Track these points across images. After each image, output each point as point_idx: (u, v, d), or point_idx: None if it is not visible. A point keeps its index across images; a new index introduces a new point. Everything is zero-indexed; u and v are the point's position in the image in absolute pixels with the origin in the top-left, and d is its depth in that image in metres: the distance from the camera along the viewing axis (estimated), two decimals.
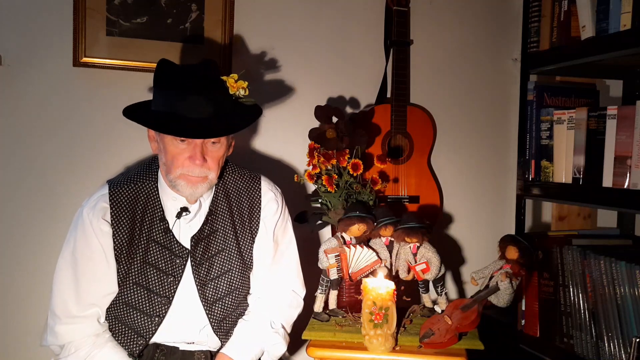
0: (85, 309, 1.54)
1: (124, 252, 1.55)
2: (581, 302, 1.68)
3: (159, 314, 1.57)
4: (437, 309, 1.70)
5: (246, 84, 1.58)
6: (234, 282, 1.64)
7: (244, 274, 1.66)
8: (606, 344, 1.60)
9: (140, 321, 1.57)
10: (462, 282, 2.33)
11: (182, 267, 1.59)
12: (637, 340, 1.45)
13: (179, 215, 1.58)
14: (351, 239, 1.67)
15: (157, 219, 1.58)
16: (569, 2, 1.75)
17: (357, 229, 1.65)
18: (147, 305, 1.57)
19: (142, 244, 1.57)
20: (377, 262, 1.66)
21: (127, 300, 1.57)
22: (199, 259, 1.60)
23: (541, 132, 1.89)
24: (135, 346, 1.58)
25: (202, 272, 1.60)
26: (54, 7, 1.91)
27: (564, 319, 1.74)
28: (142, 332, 1.58)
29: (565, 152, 1.79)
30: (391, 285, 1.52)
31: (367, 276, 1.64)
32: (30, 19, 1.90)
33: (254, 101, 1.63)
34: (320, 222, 1.93)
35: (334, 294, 1.70)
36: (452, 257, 2.32)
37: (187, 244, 1.60)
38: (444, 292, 1.70)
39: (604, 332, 1.61)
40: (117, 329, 1.59)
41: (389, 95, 2.14)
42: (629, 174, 1.56)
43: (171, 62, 1.55)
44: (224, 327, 1.64)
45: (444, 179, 2.25)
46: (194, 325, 1.61)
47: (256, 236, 1.67)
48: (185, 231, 1.60)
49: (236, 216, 1.66)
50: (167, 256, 1.58)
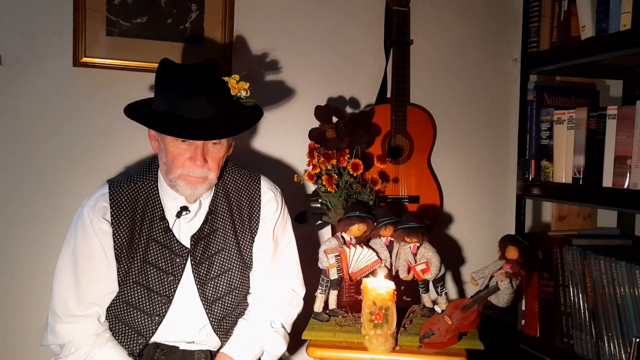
0: (85, 308, 1.54)
1: (124, 251, 1.55)
2: (581, 302, 1.68)
3: (159, 313, 1.58)
4: (437, 309, 1.70)
5: (247, 85, 1.58)
6: (234, 281, 1.64)
7: (244, 273, 1.66)
8: (606, 344, 1.60)
9: (140, 320, 1.57)
10: (462, 282, 2.33)
11: (182, 266, 1.59)
12: (637, 340, 1.45)
13: (179, 214, 1.58)
14: (351, 239, 1.67)
15: (157, 218, 1.58)
16: (569, 2, 1.75)
17: (357, 229, 1.65)
18: (147, 304, 1.57)
19: (142, 243, 1.57)
20: (377, 262, 1.66)
21: (127, 299, 1.57)
22: (198, 258, 1.60)
23: (541, 132, 1.89)
24: (135, 345, 1.58)
25: (202, 271, 1.60)
26: (54, 7, 1.91)
27: (564, 319, 1.74)
28: (142, 331, 1.58)
29: (565, 152, 1.79)
30: (391, 285, 1.52)
31: (367, 276, 1.64)
32: (30, 19, 1.90)
33: (255, 102, 1.63)
34: (320, 222, 1.93)
35: (334, 294, 1.70)
36: (452, 257, 2.32)
37: (187, 243, 1.60)
38: (444, 292, 1.70)
39: (604, 332, 1.61)
40: (117, 328, 1.59)
41: (389, 95, 2.14)
42: (629, 174, 1.56)
43: (173, 62, 1.55)
44: (223, 326, 1.64)
45: (444, 179, 2.25)
46: (194, 324, 1.61)
47: (256, 235, 1.67)
48: (185, 230, 1.60)
49: (236, 215, 1.66)
50: (167, 255, 1.58)
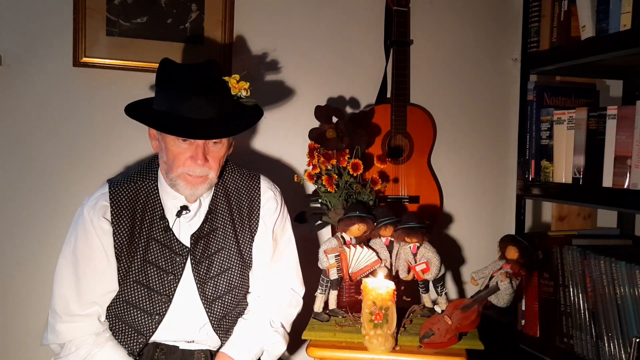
0: (86, 308, 1.54)
1: (124, 250, 1.56)
2: (581, 302, 1.68)
3: (159, 312, 1.58)
4: (437, 309, 1.70)
5: (248, 85, 1.59)
6: (234, 280, 1.64)
7: (244, 272, 1.66)
8: (606, 344, 1.60)
9: (140, 319, 1.58)
10: (462, 282, 2.33)
11: (182, 265, 1.59)
12: (637, 340, 1.45)
13: (178, 214, 1.58)
14: (351, 239, 1.67)
15: (157, 217, 1.59)
16: (569, 2, 1.75)
17: (357, 229, 1.65)
18: (148, 303, 1.57)
19: (142, 242, 1.57)
20: (377, 262, 1.65)
21: (127, 298, 1.57)
22: (198, 257, 1.60)
23: (541, 132, 1.89)
24: (135, 344, 1.58)
25: (202, 270, 1.60)
26: (54, 7, 1.91)
27: (564, 319, 1.74)
28: (143, 330, 1.58)
29: (565, 152, 1.79)
30: (391, 285, 1.52)
31: (367, 276, 1.64)
32: (30, 19, 1.90)
33: (255, 102, 1.63)
34: (320, 222, 1.93)
35: (334, 294, 1.70)
36: (452, 257, 2.32)
37: (187, 242, 1.60)
38: (444, 292, 1.69)
39: (604, 332, 1.61)
40: (118, 327, 1.60)
41: (389, 95, 2.14)
42: (629, 174, 1.56)
43: (173, 62, 1.55)
44: (223, 325, 1.64)
45: (444, 179, 2.25)
46: (194, 323, 1.61)
47: (255, 235, 1.67)
48: (185, 229, 1.60)
49: (236, 215, 1.66)
50: (167, 254, 1.58)
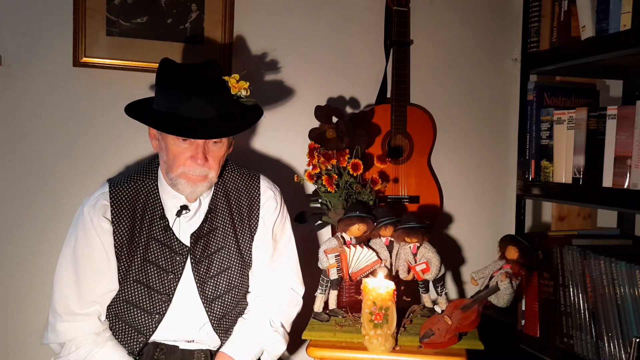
0: (86, 307, 1.54)
1: (124, 249, 1.56)
2: (581, 302, 1.68)
3: (159, 311, 1.58)
4: (437, 309, 1.70)
5: (247, 85, 1.59)
6: (233, 279, 1.64)
7: (243, 271, 1.66)
8: (606, 344, 1.60)
9: (140, 318, 1.58)
10: (462, 282, 2.33)
11: (182, 264, 1.59)
12: (637, 340, 1.45)
13: (178, 213, 1.58)
14: (351, 239, 1.67)
15: (157, 216, 1.59)
16: (569, 2, 1.75)
17: (357, 229, 1.65)
18: (148, 302, 1.57)
19: (142, 241, 1.57)
20: (377, 262, 1.65)
21: (127, 297, 1.57)
22: (198, 257, 1.60)
23: (541, 132, 1.89)
24: (135, 344, 1.58)
25: (202, 269, 1.60)
26: (54, 7, 1.91)
27: (564, 319, 1.74)
28: (143, 329, 1.58)
29: (565, 152, 1.79)
30: (391, 285, 1.52)
31: (367, 276, 1.64)
32: (30, 19, 1.90)
33: (255, 101, 1.64)
34: (320, 222, 1.93)
35: (334, 294, 1.70)
36: (452, 257, 2.31)
37: (187, 241, 1.60)
38: (444, 292, 1.69)
39: (604, 332, 1.61)
40: (118, 326, 1.60)
41: (389, 95, 2.14)
42: (629, 174, 1.56)
43: (173, 62, 1.56)
44: (223, 325, 1.64)
45: (444, 179, 2.25)
46: (194, 322, 1.61)
47: (255, 234, 1.67)
48: (185, 229, 1.61)
49: (235, 214, 1.66)
50: (167, 254, 1.59)
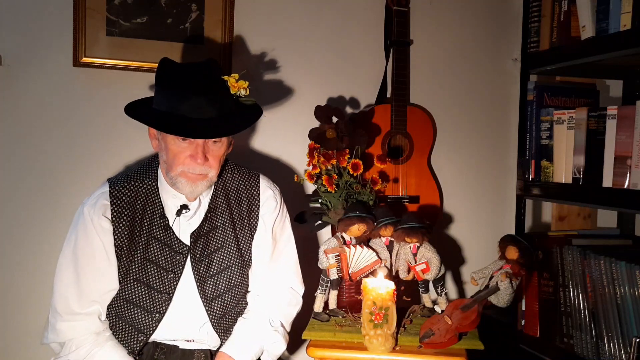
0: (86, 306, 1.54)
1: (124, 248, 1.56)
2: (581, 302, 1.68)
3: (159, 310, 1.58)
4: (437, 309, 1.70)
5: (247, 84, 1.59)
6: (233, 278, 1.65)
7: (243, 271, 1.67)
8: (606, 344, 1.60)
9: (140, 318, 1.58)
10: (462, 282, 2.33)
11: (182, 263, 1.59)
12: (637, 340, 1.45)
13: (178, 212, 1.59)
14: (351, 239, 1.67)
15: (157, 216, 1.59)
16: (569, 2, 1.75)
17: (357, 229, 1.65)
18: (148, 301, 1.58)
19: (142, 240, 1.57)
20: (377, 262, 1.65)
21: (127, 296, 1.58)
22: (198, 256, 1.60)
23: (541, 132, 1.89)
24: (135, 343, 1.58)
25: (202, 268, 1.61)
26: (54, 7, 1.91)
27: (564, 319, 1.74)
28: (143, 328, 1.58)
29: (565, 152, 1.79)
30: (391, 285, 1.52)
31: (367, 276, 1.64)
32: (30, 19, 1.90)
33: (254, 101, 1.64)
34: (320, 222, 1.93)
35: (334, 294, 1.70)
36: (452, 257, 2.31)
37: (187, 240, 1.60)
38: (444, 292, 1.69)
39: (604, 332, 1.61)
40: (118, 326, 1.60)
41: (389, 95, 2.14)
42: (629, 174, 1.56)
43: (173, 61, 1.56)
44: (223, 324, 1.64)
45: (444, 179, 2.25)
46: (194, 322, 1.62)
47: (255, 233, 1.68)
48: (185, 228, 1.61)
49: (235, 213, 1.66)
50: (167, 253, 1.59)
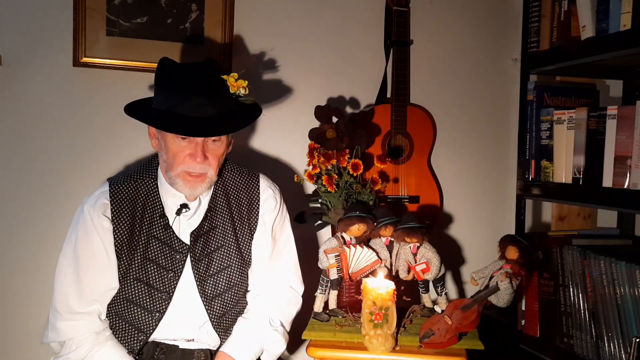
0: (86, 305, 1.55)
1: (124, 247, 1.56)
2: (581, 302, 1.68)
3: (159, 309, 1.58)
4: (437, 309, 1.70)
5: (246, 83, 1.59)
6: (233, 278, 1.65)
7: (243, 270, 1.67)
8: (606, 344, 1.60)
9: (140, 317, 1.58)
10: (462, 282, 2.32)
11: (182, 262, 1.60)
12: (637, 340, 1.45)
13: (178, 212, 1.59)
14: (351, 239, 1.67)
15: (157, 215, 1.59)
16: (569, 2, 1.75)
17: (357, 229, 1.64)
18: (148, 300, 1.58)
19: (142, 240, 1.58)
20: (377, 262, 1.65)
21: (127, 296, 1.58)
22: (198, 255, 1.61)
23: (541, 132, 1.89)
24: (135, 342, 1.58)
25: (202, 267, 1.61)
26: (54, 7, 1.91)
27: (564, 319, 1.74)
28: (143, 327, 1.58)
29: (565, 152, 1.79)
30: (391, 285, 1.52)
31: (367, 276, 1.64)
32: (30, 19, 1.90)
33: (254, 100, 1.64)
34: (320, 222, 1.93)
35: (334, 294, 1.70)
36: (452, 257, 2.31)
37: (187, 239, 1.60)
38: (444, 292, 1.69)
39: (604, 332, 1.61)
40: (118, 325, 1.60)
41: (389, 95, 2.14)
42: (629, 174, 1.56)
43: (173, 61, 1.56)
44: (223, 323, 1.64)
45: (444, 179, 2.25)
46: (194, 321, 1.62)
47: (255, 232, 1.68)
48: (184, 227, 1.61)
49: (235, 213, 1.66)
50: (167, 252, 1.59)
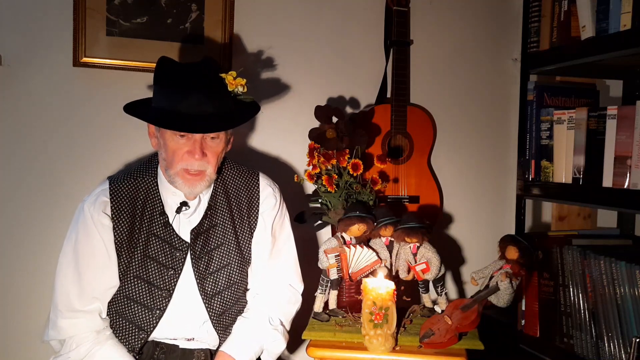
0: (87, 303, 1.55)
1: (124, 245, 1.56)
2: (581, 302, 1.68)
3: (159, 307, 1.58)
4: (437, 309, 1.70)
5: (244, 81, 1.60)
6: (233, 276, 1.65)
7: (243, 268, 1.67)
8: (606, 344, 1.60)
9: (141, 314, 1.58)
10: (462, 282, 2.32)
11: (182, 260, 1.60)
12: (637, 340, 1.45)
13: (178, 210, 1.59)
14: (351, 239, 1.67)
15: (157, 213, 1.59)
16: (569, 2, 1.75)
17: (357, 229, 1.65)
18: (148, 298, 1.58)
19: (142, 237, 1.58)
20: (377, 262, 1.65)
21: (128, 293, 1.58)
22: (198, 253, 1.61)
23: (541, 132, 1.89)
24: (136, 341, 1.59)
25: (202, 265, 1.61)
26: (54, 7, 1.91)
27: (564, 319, 1.74)
28: (143, 325, 1.58)
29: (565, 152, 1.79)
30: (391, 285, 1.52)
31: (367, 276, 1.64)
32: (30, 19, 1.90)
33: (252, 98, 1.64)
34: (320, 222, 1.93)
35: (334, 294, 1.70)
36: (452, 257, 2.31)
37: (187, 237, 1.61)
38: (444, 292, 1.69)
39: (604, 332, 1.61)
40: (118, 323, 1.60)
41: (389, 95, 2.13)
42: (629, 174, 1.56)
43: (172, 60, 1.57)
44: (223, 322, 1.64)
45: (444, 179, 2.25)
46: (194, 319, 1.62)
47: (254, 231, 1.68)
48: (184, 225, 1.61)
49: (235, 211, 1.66)
50: (167, 250, 1.59)
